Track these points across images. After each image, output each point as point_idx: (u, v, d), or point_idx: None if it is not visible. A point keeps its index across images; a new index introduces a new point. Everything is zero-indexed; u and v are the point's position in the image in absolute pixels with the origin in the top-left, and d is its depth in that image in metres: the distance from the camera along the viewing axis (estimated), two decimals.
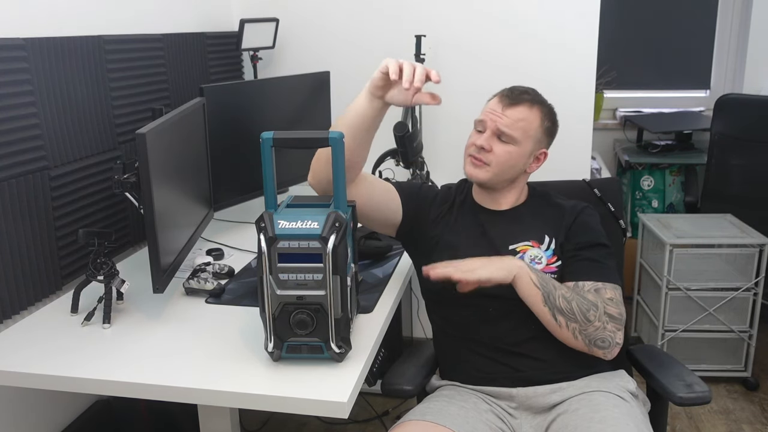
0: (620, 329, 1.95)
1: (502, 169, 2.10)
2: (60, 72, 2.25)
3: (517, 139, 2.08)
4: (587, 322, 1.91)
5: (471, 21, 3.36)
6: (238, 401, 1.66)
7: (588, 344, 1.94)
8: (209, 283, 2.20)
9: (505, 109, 2.09)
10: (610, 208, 2.41)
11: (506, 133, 2.07)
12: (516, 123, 2.08)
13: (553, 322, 1.93)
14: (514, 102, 2.10)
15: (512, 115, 2.08)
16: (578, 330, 1.92)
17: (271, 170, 1.73)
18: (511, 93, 2.13)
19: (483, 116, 2.12)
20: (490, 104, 2.14)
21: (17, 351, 1.87)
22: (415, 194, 2.23)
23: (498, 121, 2.08)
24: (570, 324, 1.91)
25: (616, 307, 1.96)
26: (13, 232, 2.08)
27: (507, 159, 2.09)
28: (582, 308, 1.91)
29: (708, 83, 4.85)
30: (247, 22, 3.20)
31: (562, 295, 1.92)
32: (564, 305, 1.91)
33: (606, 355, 1.96)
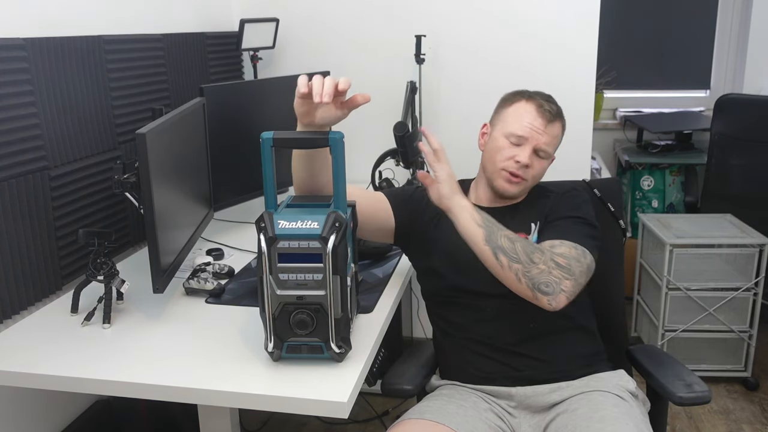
0: (568, 279, 1.87)
1: (534, 181, 2.16)
2: (60, 72, 2.25)
3: (551, 153, 2.15)
4: (531, 263, 1.85)
5: (471, 21, 3.36)
6: (238, 401, 1.66)
7: (532, 288, 1.85)
8: (209, 283, 2.20)
9: (546, 126, 2.11)
10: (610, 209, 2.40)
11: (546, 150, 2.11)
12: (554, 140, 2.14)
13: (495, 262, 1.87)
14: (553, 119, 2.13)
15: (552, 132, 2.13)
16: (521, 271, 1.85)
17: (271, 170, 1.73)
18: (548, 108, 2.13)
19: (524, 132, 2.09)
20: (528, 117, 2.11)
21: (17, 351, 1.87)
22: (407, 200, 2.23)
23: (541, 140, 2.10)
24: (513, 265, 1.85)
25: (563, 259, 1.90)
26: (13, 232, 2.08)
27: (541, 172, 2.15)
28: (527, 249, 1.87)
29: (708, 83, 4.85)
30: (247, 22, 3.20)
31: (505, 235, 1.88)
32: (507, 244, 1.86)
33: (551, 302, 1.85)
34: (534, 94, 2.18)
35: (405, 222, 2.21)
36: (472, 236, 1.90)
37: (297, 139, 1.73)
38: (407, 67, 3.45)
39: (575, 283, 1.89)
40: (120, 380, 1.71)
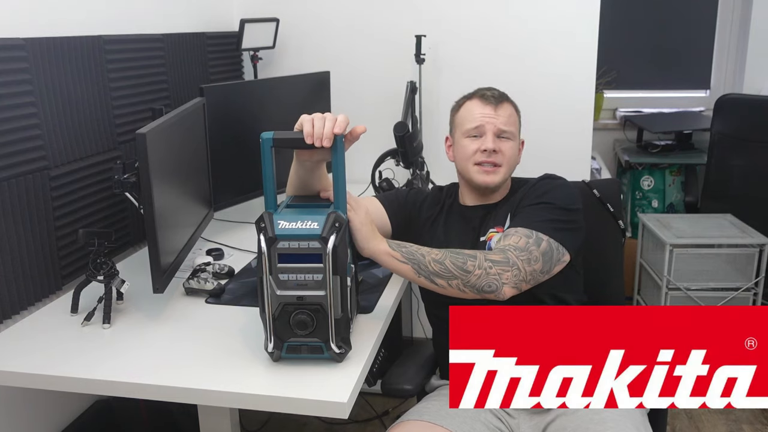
0: (507, 270, 1.89)
1: (510, 166, 2.17)
2: (60, 72, 2.25)
3: (514, 133, 2.17)
4: (467, 273, 1.86)
5: (471, 21, 3.36)
6: (238, 401, 1.66)
7: (478, 292, 1.88)
8: (209, 283, 2.20)
9: (496, 109, 2.15)
10: (609, 209, 2.41)
11: (506, 130, 2.14)
12: (509, 119, 2.17)
13: (434, 287, 1.89)
14: (499, 101, 2.17)
15: (503, 112, 2.16)
16: (461, 284, 1.87)
17: (271, 170, 1.73)
18: (491, 94, 2.19)
19: (478, 122, 2.15)
20: (476, 109, 2.17)
21: (17, 351, 1.87)
22: (402, 204, 2.27)
23: (497, 122, 2.13)
24: (451, 282, 1.87)
25: (500, 254, 1.92)
26: (13, 232, 2.08)
27: (512, 154, 2.17)
28: (457, 263, 1.87)
29: (708, 83, 4.85)
30: (248, 22, 3.20)
31: (432, 259, 1.88)
32: (437, 268, 1.87)
33: (498, 296, 1.89)
34: (474, 91, 2.24)
35: (401, 226, 2.24)
36: (403, 274, 1.91)
37: (297, 139, 1.73)
38: (407, 67, 3.45)
39: (519, 272, 1.91)
40: (120, 380, 1.71)
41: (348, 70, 3.54)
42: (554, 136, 3.36)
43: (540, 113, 3.36)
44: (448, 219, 2.24)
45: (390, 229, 2.23)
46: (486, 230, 2.15)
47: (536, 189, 2.15)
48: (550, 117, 3.35)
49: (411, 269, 1.88)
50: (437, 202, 2.29)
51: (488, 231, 2.14)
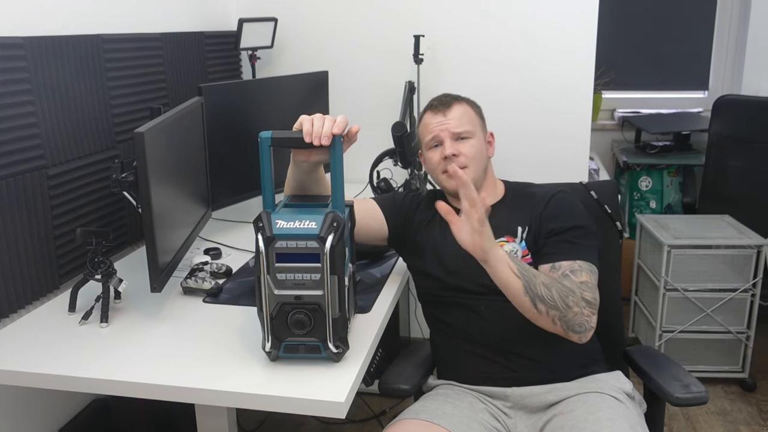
0: (595, 313, 1.92)
1: (476, 164, 2.17)
2: (58, 71, 2.25)
3: (472, 131, 2.19)
4: (567, 308, 1.87)
5: (470, 21, 3.36)
6: (236, 401, 1.66)
7: (566, 329, 1.89)
8: (207, 283, 2.20)
9: (445, 114, 2.19)
10: (607, 210, 2.41)
11: (461, 131, 2.17)
12: (462, 119, 2.19)
13: (533, 311, 1.88)
14: (447, 105, 2.21)
15: (453, 115, 2.19)
16: (558, 317, 1.87)
17: (269, 170, 1.73)
18: (438, 102, 2.24)
19: (432, 134, 2.20)
20: (429, 120, 2.22)
21: (14, 350, 1.87)
22: (399, 206, 2.28)
23: (449, 127, 2.17)
24: (550, 311, 1.87)
25: (590, 292, 1.93)
26: (10, 231, 2.07)
27: (476, 152, 2.17)
28: (562, 294, 1.87)
29: (706, 84, 4.86)
30: (246, 21, 3.20)
31: (542, 282, 1.87)
32: (545, 293, 1.86)
33: (581, 338, 1.91)
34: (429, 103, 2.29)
35: (397, 228, 2.25)
36: (510, 287, 1.88)
37: (295, 138, 1.73)
38: (405, 67, 3.45)
39: (596, 312, 1.94)
40: (117, 379, 1.71)
41: (346, 70, 3.55)
42: (552, 137, 3.36)
43: (538, 114, 3.36)
44: (443, 223, 2.21)
45: (386, 232, 2.25)
46: None
47: (561, 207, 2.14)
48: (548, 117, 3.36)
49: (521, 285, 1.86)
50: (432, 204, 2.28)
51: (497, 239, 2.08)
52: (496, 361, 2.06)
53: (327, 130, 1.72)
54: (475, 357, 2.08)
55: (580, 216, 2.13)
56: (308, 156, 1.86)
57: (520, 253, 2.10)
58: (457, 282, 2.11)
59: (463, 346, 2.11)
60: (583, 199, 2.37)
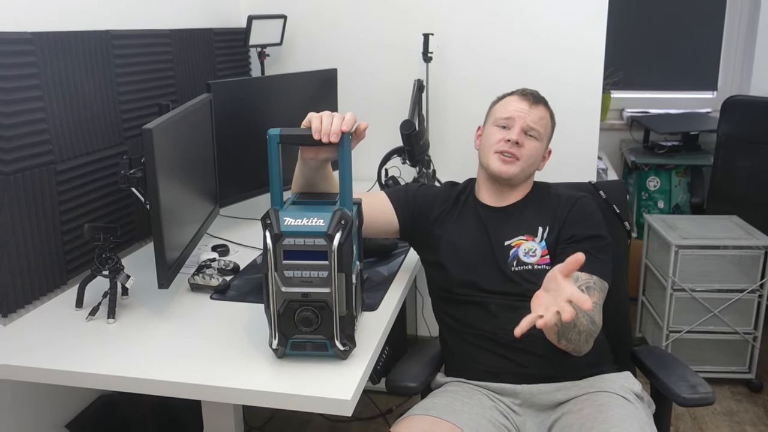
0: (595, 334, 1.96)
1: (528, 164, 2.18)
2: (67, 66, 2.25)
3: (541, 135, 2.19)
4: (584, 343, 1.93)
5: (479, 20, 3.36)
6: (242, 398, 1.66)
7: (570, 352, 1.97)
8: (214, 280, 2.21)
9: (531, 107, 2.18)
10: (615, 210, 2.42)
11: (535, 128, 2.17)
12: (541, 120, 2.19)
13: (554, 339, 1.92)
14: (536, 101, 2.20)
15: (537, 113, 2.19)
16: (571, 349, 1.95)
17: (278, 167, 1.73)
18: (530, 92, 2.23)
19: (510, 114, 2.18)
20: (512, 103, 2.20)
21: (21, 345, 1.88)
22: (411, 199, 2.27)
23: (527, 118, 2.16)
24: (569, 346, 1.93)
25: (598, 315, 1.98)
26: (18, 226, 2.08)
27: (533, 154, 2.18)
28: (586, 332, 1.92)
29: (715, 84, 4.84)
30: (255, 18, 3.20)
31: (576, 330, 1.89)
32: (575, 338, 1.90)
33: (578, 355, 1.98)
34: (517, 89, 2.28)
35: (408, 221, 2.25)
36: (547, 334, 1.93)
37: (303, 135, 1.73)
38: (414, 65, 3.45)
39: None
40: (124, 375, 1.71)
41: (355, 67, 3.55)
42: (561, 136, 3.35)
43: None
44: (462, 213, 2.24)
45: (397, 225, 2.24)
46: (508, 234, 2.16)
47: (581, 213, 2.17)
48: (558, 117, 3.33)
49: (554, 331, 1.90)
50: (450, 197, 2.29)
51: (516, 237, 2.15)
52: (506, 357, 2.06)
53: (336, 127, 1.71)
54: (486, 353, 2.08)
55: (600, 225, 2.16)
56: (316, 153, 1.86)
57: (539, 252, 2.11)
58: (471, 278, 2.12)
59: (474, 342, 2.11)
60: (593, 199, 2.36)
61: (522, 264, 2.11)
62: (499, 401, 2.04)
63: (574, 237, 2.11)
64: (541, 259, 2.10)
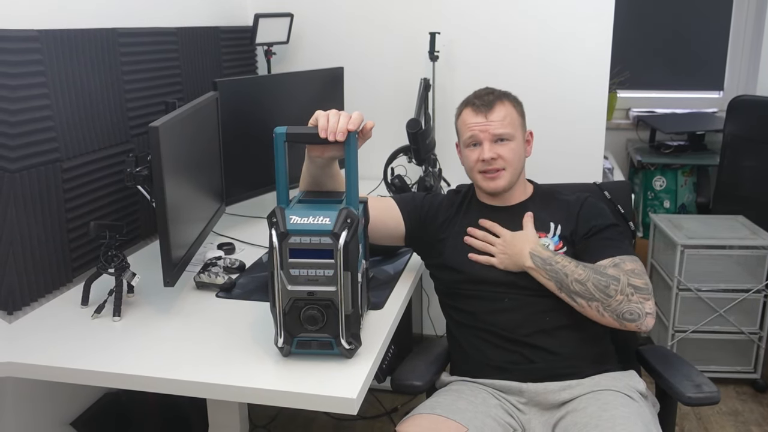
0: (648, 299, 1.97)
1: (514, 167, 2.18)
2: (73, 64, 2.25)
3: (512, 134, 2.18)
4: (608, 297, 1.95)
5: (485, 19, 3.35)
6: (247, 396, 1.66)
7: (617, 319, 1.96)
8: (220, 278, 2.21)
9: (488, 115, 2.17)
10: (620, 210, 2.44)
11: (502, 133, 2.16)
12: (504, 120, 2.17)
13: (575, 304, 1.99)
14: (490, 105, 2.18)
15: (495, 117, 2.17)
16: (602, 307, 1.96)
17: (284, 165, 1.73)
18: (480, 102, 2.20)
19: (472, 132, 2.18)
20: (469, 119, 2.20)
21: (27, 343, 1.88)
22: (418, 206, 2.29)
23: (490, 129, 2.16)
24: (591, 303, 1.96)
25: (639, 278, 1.99)
26: (24, 223, 2.08)
27: (514, 156, 2.17)
28: (600, 285, 1.96)
29: (721, 84, 4.83)
30: (262, 16, 3.20)
31: (575, 279, 1.98)
32: (579, 288, 1.97)
33: (640, 326, 1.96)
34: (469, 97, 2.27)
35: (415, 228, 2.26)
36: (546, 286, 2.05)
37: (310, 134, 1.73)
38: (421, 64, 3.45)
39: (652, 297, 1.99)
40: (129, 373, 1.72)
41: (362, 66, 3.55)
42: (567, 136, 3.36)
43: (553, 112, 3.36)
44: (467, 216, 2.26)
45: (403, 230, 2.25)
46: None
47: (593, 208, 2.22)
48: (564, 116, 3.35)
49: (554, 285, 2.02)
50: (453, 203, 2.30)
51: None
52: (515, 351, 2.06)
53: (342, 125, 1.72)
54: (494, 348, 2.09)
55: (611, 217, 2.22)
56: (323, 152, 1.86)
57: (552, 246, 2.14)
58: (482, 274, 2.13)
59: (483, 337, 2.11)
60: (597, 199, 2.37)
61: None
62: (504, 400, 2.04)
63: (594, 228, 2.15)
64: None
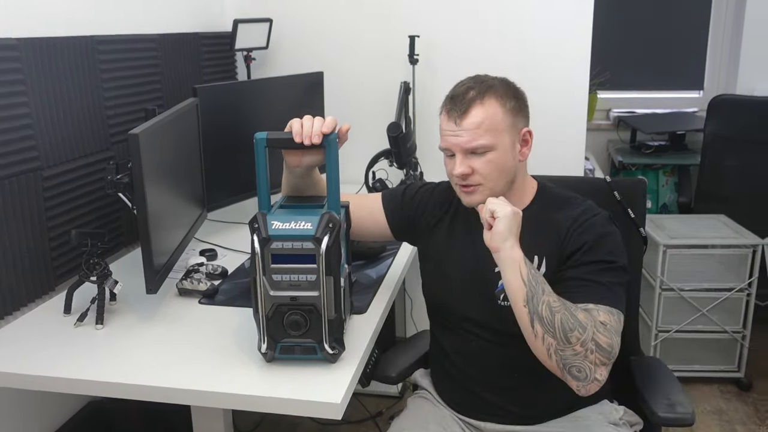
0: (605, 364, 1.67)
1: (494, 180, 1.85)
2: (53, 72, 2.24)
3: (490, 144, 1.82)
4: (566, 343, 1.64)
5: (465, 21, 3.36)
6: (231, 402, 1.66)
7: (562, 369, 1.67)
8: (202, 284, 2.20)
9: (459, 123, 1.83)
10: (630, 214, 2.20)
11: (474, 145, 1.82)
12: (478, 130, 1.82)
13: (529, 328, 1.68)
14: (464, 110, 1.83)
15: (469, 125, 1.82)
16: (554, 348, 1.65)
17: (265, 171, 1.73)
18: (455, 102, 1.86)
19: (445, 141, 1.87)
20: (443, 124, 1.89)
21: (9, 352, 1.87)
22: (407, 204, 2.09)
23: (460, 141, 1.83)
24: (546, 338, 1.65)
25: (606, 336, 1.67)
26: (5, 232, 2.07)
27: (493, 168, 1.83)
28: (565, 326, 1.64)
29: (701, 84, 4.86)
30: (241, 22, 3.20)
31: (548, 302, 1.66)
32: (546, 314, 1.65)
33: (580, 389, 1.67)
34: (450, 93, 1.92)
35: (403, 227, 2.11)
36: (514, 292, 1.70)
37: (290, 139, 1.73)
38: (401, 68, 3.45)
39: (609, 367, 1.69)
40: (113, 381, 1.71)
41: (341, 70, 3.54)
42: (548, 137, 3.36)
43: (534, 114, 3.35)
44: (453, 224, 2.03)
45: (389, 230, 2.11)
46: None
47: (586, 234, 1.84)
48: (544, 117, 3.35)
49: (524, 293, 1.68)
50: (446, 202, 2.06)
51: None
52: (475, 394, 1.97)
53: (316, 129, 1.72)
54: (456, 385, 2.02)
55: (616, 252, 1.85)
56: (300, 160, 1.85)
57: None
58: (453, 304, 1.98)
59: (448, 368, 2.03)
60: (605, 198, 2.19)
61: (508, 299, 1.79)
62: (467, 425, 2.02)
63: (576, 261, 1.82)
64: None
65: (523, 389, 1.92)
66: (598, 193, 2.17)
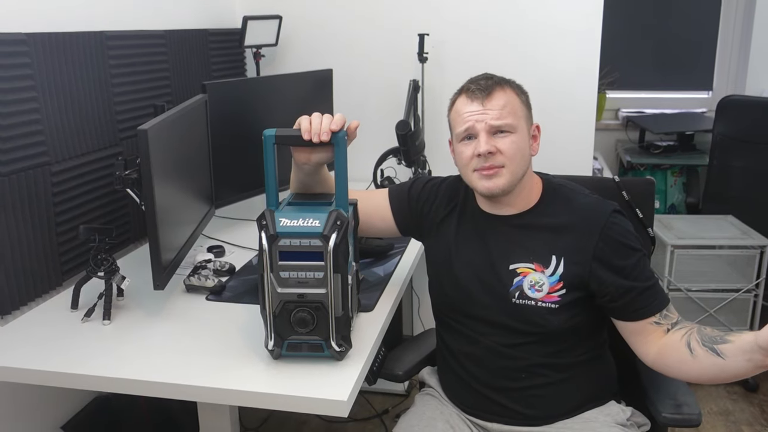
0: None
1: (516, 164, 1.84)
2: (62, 67, 2.24)
3: (514, 125, 1.84)
4: None
5: (474, 20, 3.35)
6: (238, 399, 1.66)
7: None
8: (210, 281, 2.20)
9: (485, 102, 1.84)
10: (638, 214, 2.20)
11: (501, 124, 1.82)
12: (504, 109, 1.84)
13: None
14: (488, 91, 1.85)
15: (494, 105, 1.83)
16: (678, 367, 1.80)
17: (273, 168, 1.73)
18: (476, 87, 1.87)
19: (466, 122, 1.85)
20: (464, 108, 1.87)
21: (17, 347, 1.87)
22: (414, 200, 2.08)
23: (487, 119, 1.82)
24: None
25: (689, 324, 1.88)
26: (14, 227, 2.07)
27: (516, 151, 1.83)
28: None
29: (710, 84, 4.85)
30: (251, 19, 3.20)
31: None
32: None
33: None
34: (464, 83, 1.93)
35: (411, 224, 2.09)
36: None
37: (299, 137, 1.73)
38: (410, 66, 3.45)
39: None
40: (120, 377, 1.71)
41: (350, 68, 3.54)
42: (556, 136, 3.36)
43: (543, 113, 3.35)
44: (460, 223, 2.01)
45: (395, 226, 2.10)
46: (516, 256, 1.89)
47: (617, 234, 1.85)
48: (553, 117, 3.35)
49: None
50: (453, 198, 2.05)
51: (523, 262, 1.88)
52: (484, 396, 1.95)
53: (325, 126, 1.71)
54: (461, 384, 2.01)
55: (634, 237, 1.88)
56: (309, 157, 1.84)
57: (545, 287, 1.85)
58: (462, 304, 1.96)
59: (455, 369, 2.02)
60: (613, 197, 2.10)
61: (524, 297, 1.85)
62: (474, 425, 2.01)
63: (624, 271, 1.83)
64: (547, 296, 1.84)
65: (531, 390, 1.91)
66: (606, 192, 2.14)
